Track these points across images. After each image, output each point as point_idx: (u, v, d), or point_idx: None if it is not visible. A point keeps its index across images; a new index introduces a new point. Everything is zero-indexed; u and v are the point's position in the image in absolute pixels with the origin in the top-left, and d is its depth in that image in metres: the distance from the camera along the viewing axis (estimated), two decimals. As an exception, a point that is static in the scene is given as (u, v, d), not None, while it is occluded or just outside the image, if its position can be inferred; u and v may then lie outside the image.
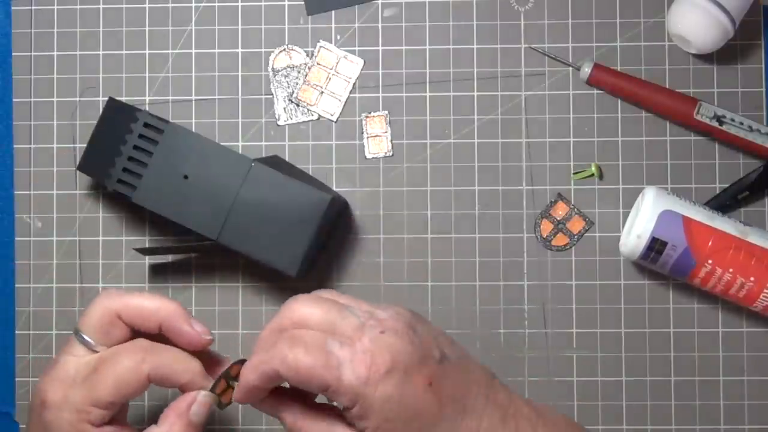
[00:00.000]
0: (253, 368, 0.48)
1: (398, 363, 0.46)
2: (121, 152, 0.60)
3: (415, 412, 0.47)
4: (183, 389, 0.51)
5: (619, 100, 0.65)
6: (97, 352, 0.51)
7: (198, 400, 0.50)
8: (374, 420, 0.47)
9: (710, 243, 0.60)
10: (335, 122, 0.66)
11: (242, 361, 0.50)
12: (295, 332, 0.47)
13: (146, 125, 0.60)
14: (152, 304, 0.51)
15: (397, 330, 0.47)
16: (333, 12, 0.66)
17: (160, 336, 0.52)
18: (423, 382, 0.47)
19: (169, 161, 0.59)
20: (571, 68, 0.65)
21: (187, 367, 0.50)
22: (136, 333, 0.52)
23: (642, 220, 0.60)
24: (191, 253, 0.65)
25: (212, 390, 0.50)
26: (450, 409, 0.48)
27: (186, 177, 0.59)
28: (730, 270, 0.60)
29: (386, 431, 0.47)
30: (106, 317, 0.51)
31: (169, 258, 0.66)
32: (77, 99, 0.66)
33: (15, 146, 0.66)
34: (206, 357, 0.53)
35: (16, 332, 0.66)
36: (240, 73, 0.66)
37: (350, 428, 0.48)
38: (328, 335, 0.47)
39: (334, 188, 0.65)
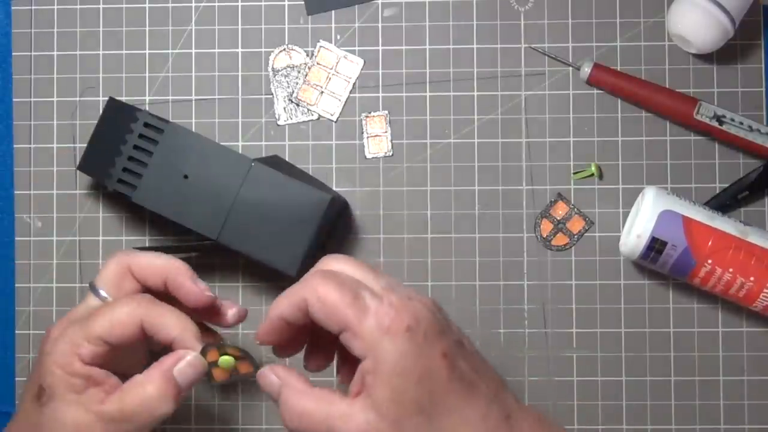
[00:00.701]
0: (283, 297, 0.49)
1: (420, 325, 0.47)
2: (121, 152, 0.60)
3: (426, 373, 0.46)
4: (173, 347, 0.52)
5: (619, 100, 0.65)
6: None
7: (185, 359, 0.51)
8: (386, 374, 0.46)
9: (710, 243, 0.60)
10: (335, 122, 0.66)
11: (238, 348, 0.52)
12: (329, 271, 0.48)
13: (146, 125, 0.60)
14: (160, 261, 0.55)
15: (423, 300, 0.48)
16: (333, 12, 0.66)
17: (168, 298, 0.54)
18: (439, 350, 0.47)
19: (169, 161, 0.59)
20: (571, 68, 0.65)
21: (179, 323, 0.51)
22: (146, 291, 0.54)
23: (642, 220, 0.60)
24: (191, 252, 0.65)
25: (202, 354, 0.51)
26: (459, 384, 0.47)
27: (186, 177, 0.59)
28: (730, 270, 0.60)
29: (395, 387, 0.46)
30: (119, 271, 0.55)
31: (169, 258, 0.66)
32: (77, 99, 0.66)
33: (15, 146, 0.66)
34: (206, 329, 0.55)
35: (16, 332, 0.66)
36: (240, 73, 0.66)
37: (350, 402, 0.47)
38: (361, 284, 0.48)
39: (334, 188, 0.65)
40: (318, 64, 0.66)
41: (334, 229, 0.65)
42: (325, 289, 0.47)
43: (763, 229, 0.63)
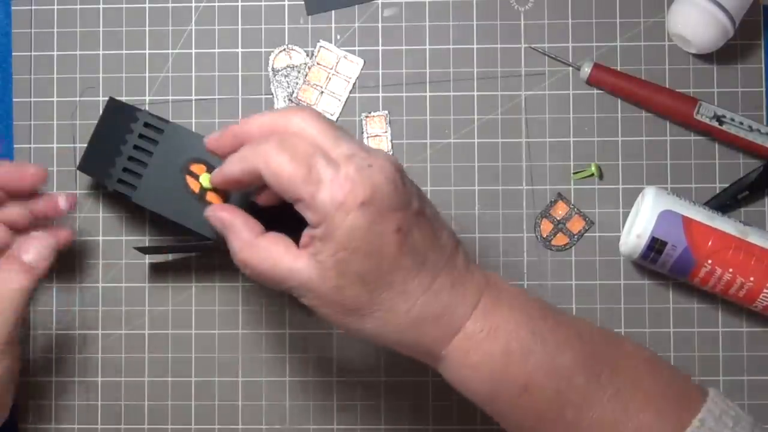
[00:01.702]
0: (239, 159, 0.49)
1: (375, 199, 0.47)
2: (121, 152, 0.60)
3: (376, 249, 0.47)
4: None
5: (619, 100, 0.65)
6: None
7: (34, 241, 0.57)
8: (334, 245, 0.47)
9: (710, 243, 0.60)
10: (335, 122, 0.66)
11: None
12: (286, 137, 0.48)
13: (146, 125, 0.60)
14: None
15: (384, 168, 0.47)
16: (333, 12, 0.66)
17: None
18: (393, 226, 0.47)
19: (170, 161, 0.59)
20: (571, 68, 0.65)
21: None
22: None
23: (642, 220, 0.60)
24: (191, 252, 0.65)
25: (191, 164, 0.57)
26: (409, 260, 0.48)
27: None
28: (730, 270, 0.60)
29: (341, 260, 0.47)
30: None
31: (169, 258, 0.66)
32: (77, 99, 0.66)
33: (15, 146, 0.66)
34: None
35: (16, 332, 0.66)
36: (240, 73, 0.66)
37: (295, 256, 0.49)
38: (317, 152, 0.47)
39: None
40: (318, 64, 0.66)
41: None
42: (278, 161, 0.47)
43: (763, 229, 0.63)
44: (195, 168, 0.58)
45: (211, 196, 0.57)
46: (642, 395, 0.49)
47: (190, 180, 0.58)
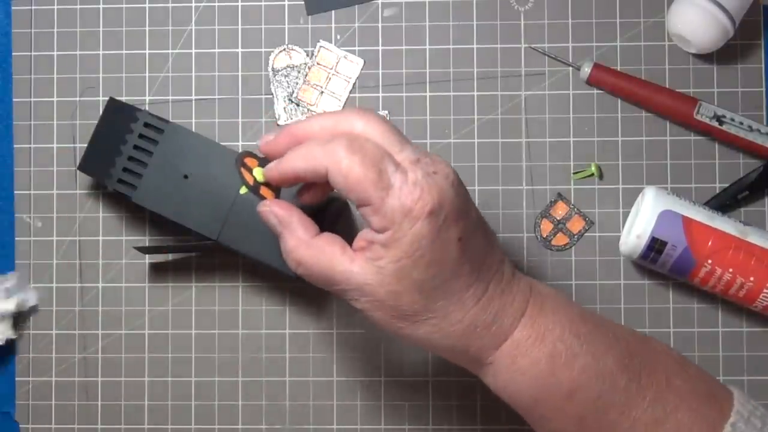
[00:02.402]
0: (304, 156, 0.48)
1: (443, 207, 0.46)
2: (121, 152, 0.60)
3: (438, 258, 0.47)
4: None
5: (619, 100, 0.65)
6: None
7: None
8: (398, 252, 0.47)
9: (710, 243, 0.60)
10: (335, 122, 0.66)
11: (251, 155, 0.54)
12: (356, 138, 0.47)
13: (146, 125, 0.60)
14: None
15: (448, 176, 0.47)
16: (333, 12, 0.66)
17: None
18: (456, 234, 0.47)
19: (169, 161, 0.59)
20: (571, 68, 0.65)
21: None
22: None
23: (642, 220, 0.60)
24: (191, 252, 0.65)
25: (242, 155, 0.54)
26: (467, 268, 0.48)
27: (186, 177, 0.59)
28: (730, 270, 0.60)
29: (403, 266, 0.47)
30: None
31: (169, 257, 0.66)
32: (77, 99, 0.66)
33: (15, 146, 0.66)
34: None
35: (17, 332, 0.66)
36: (240, 73, 0.66)
37: (351, 259, 0.48)
38: (385, 155, 0.47)
39: (334, 188, 0.65)
40: (318, 64, 0.66)
41: (334, 229, 0.65)
42: (350, 163, 0.46)
43: (763, 229, 0.63)
44: (249, 161, 0.55)
45: (264, 191, 0.55)
46: (675, 395, 0.50)
47: (244, 172, 0.55)
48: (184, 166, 0.59)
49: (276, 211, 0.51)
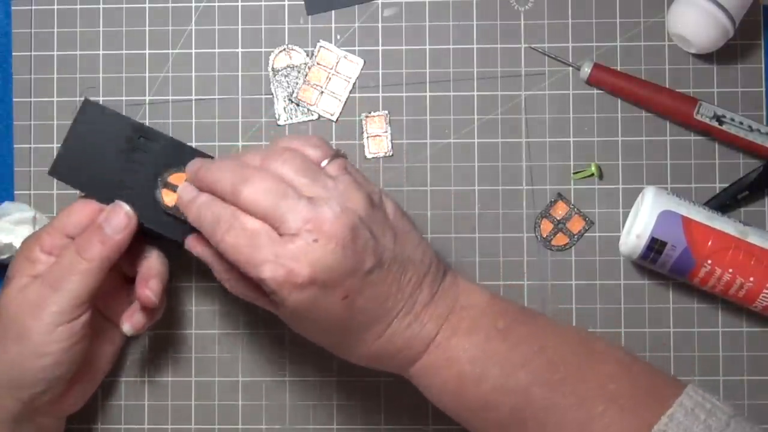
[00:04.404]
0: (197, 215, 0.53)
1: (317, 278, 0.49)
2: (97, 158, 0.59)
3: (323, 317, 0.51)
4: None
5: (619, 100, 0.65)
6: None
7: (109, 209, 0.57)
8: (286, 311, 0.51)
9: (710, 243, 0.60)
10: (335, 122, 0.66)
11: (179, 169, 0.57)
12: (239, 218, 0.51)
13: (123, 129, 0.58)
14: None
15: (332, 238, 0.49)
16: (333, 12, 0.66)
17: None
18: (339, 296, 0.50)
19: (144, 170, 0.58)
20: (571, 68, 0.65)
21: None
22: None
23: (642, 220, 0.60)
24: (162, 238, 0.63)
25: (167, 174, 0.57)
26: (360, 318, 0.51)
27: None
28: (730, 270, 0.60)
29: (295, 320, 0.53)
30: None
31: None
32: (77, 99, 0.66)
33: (15, 146, 0.66)
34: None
35: (17, 332, 0.66)
36: (240, 73, 0.66)
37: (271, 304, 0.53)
38: (263, 229, 0.50)
39: (334, 188, 0.65)
40: (318, 64, 0.66)
41: None
42: (229, 242, 0.50)
43: (763, 229, 0.63)
44: (174, 179, 0.57)
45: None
46: (608, 397, 0.50)
47: (165, 193, 0.57)
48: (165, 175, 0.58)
49: (197, 251, 0.57)
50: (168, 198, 0.57)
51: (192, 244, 0.57)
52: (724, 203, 0.64)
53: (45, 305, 0.54)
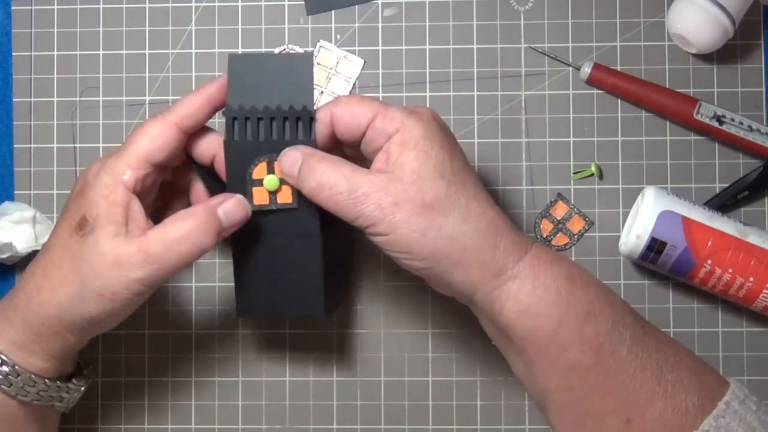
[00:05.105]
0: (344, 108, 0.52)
1: (438, 117, 0.53)
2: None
3: (448, 145, 0.51)
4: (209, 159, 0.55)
5: (619, 100, 0.65)
6: None
7: (232, 198, 0.53)
8: (411, 142, 0.50)
9: (710, 243, 0.60)
10: (335, 122, 0.66)
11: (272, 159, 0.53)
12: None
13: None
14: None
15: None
16: (333, 12, 0.66)
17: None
18: (457, 142, 0.53)
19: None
20: (571, 68, 0.65)
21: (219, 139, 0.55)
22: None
23: (642, 220, 0.60)
24: None
25: (252, 167, 0.53)
26: (472, 171, 0.53)
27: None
28: (730, 270, 0.60)
29: (420, 153, 0.50)
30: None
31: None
32: (77, 99, 0.66)
33: (15, 146, 0.67)
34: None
35: (17, 332, 0.66)
36: (240, 73, 0.66)
37: (370, 172, 0.51)
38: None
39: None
40: (318, 64, 0.66)
41: (333, 229, 0.65)
42: (348, 100, 0.52)
43: (763, 230, 0.63)
44: (257, 172, 0.53)
45: (282, 197, 0.54)
46: (674, 353, 0.51)
47: (257, 193, 0.53)
48: None
49: (301, 147, 0.52)
50: (258, 197, 0.54)
51: (289, 150, 0.52)
52: (724, 203, 0.64)
53: (133, 270, 0.51)
